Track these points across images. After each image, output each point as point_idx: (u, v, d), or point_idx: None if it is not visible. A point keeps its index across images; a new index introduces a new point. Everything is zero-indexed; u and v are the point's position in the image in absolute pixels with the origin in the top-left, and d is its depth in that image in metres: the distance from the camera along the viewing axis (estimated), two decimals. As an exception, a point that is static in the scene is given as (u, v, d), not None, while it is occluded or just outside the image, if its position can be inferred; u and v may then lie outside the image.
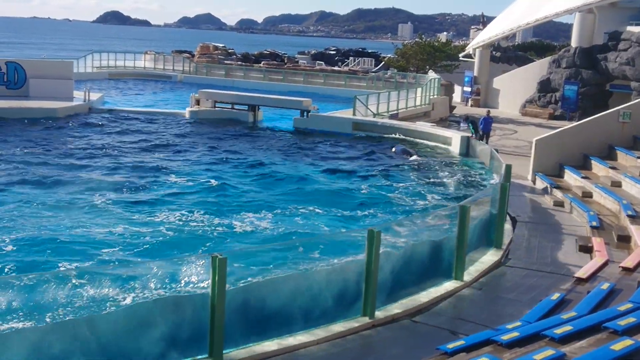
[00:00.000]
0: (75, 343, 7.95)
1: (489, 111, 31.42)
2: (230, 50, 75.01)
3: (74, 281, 10.79)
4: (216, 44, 77.51)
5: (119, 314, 8.74)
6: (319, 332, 9.97)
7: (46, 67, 38.94)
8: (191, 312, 8.90)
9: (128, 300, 10.63)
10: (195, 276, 10.74)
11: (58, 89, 36.75)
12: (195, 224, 16.96)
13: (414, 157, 27.85)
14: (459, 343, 8.98)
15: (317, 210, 19.09)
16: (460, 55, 58.45)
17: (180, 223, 16.94)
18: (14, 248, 14.49)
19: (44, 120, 32.18)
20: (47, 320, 9.77)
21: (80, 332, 8.02)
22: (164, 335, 8.49)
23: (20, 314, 9.75)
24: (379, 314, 10.75)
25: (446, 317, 11.01)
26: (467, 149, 28.48)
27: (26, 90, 36.87)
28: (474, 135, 28.58)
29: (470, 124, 29.74)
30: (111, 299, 10.81)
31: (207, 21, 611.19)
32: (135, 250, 14.61)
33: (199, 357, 8.74)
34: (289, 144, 30.56)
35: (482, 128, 28.85)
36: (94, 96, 38.31)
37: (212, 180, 22.08)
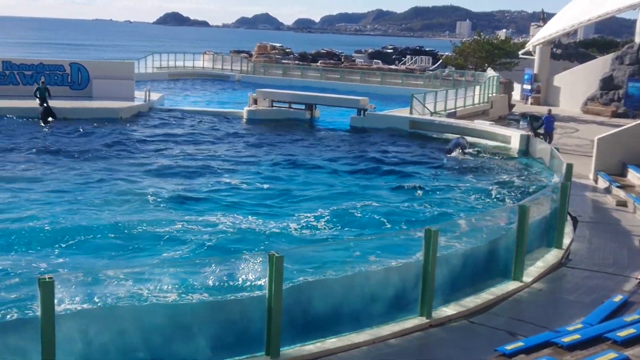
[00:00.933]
0: (135, 334, 8.15)
1: (550, 110, 30.86)
2: (287, 50, 75.49)
3: (131, 279, 10.99)
4: (274, 44, 78.10)
5: (172, 310, 8.93)
6: (375, 332, 9.95)
7: (108, 68, 39.82)
8: (248, 310, 9.01)
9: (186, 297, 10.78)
10: (252, 274, 10.84)
11: (120, 90, 37.55)
12: (250, 223, 17.03)
13: (466, 151, 27.64)
14: (518, 345, 8.87)
15: (374, 204, 19.06)
16: (520, 52, 57.50)
17: (236, 222, 17.03)
18: (72, 242, 14.87)
19: (106, 120, 32.92)
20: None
21: (144, 322, 8.24)
22: (221, 332, 8.61)
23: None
24: (436, 314, 10.68)
25: (505, 318, 10.87)
26: (526, 148, 28.00)
27: (89, 90, 37.77)
28: (532, 133, 28.11)
29: (528, 118, 29.30)
30: (168, 296, 10.97)
31: (265, 21, 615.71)
32: (191, 248, 14.79)
33: (257, 354, 8.84)
34: (346, 143, 30.56)
35: (544, 127, 28.46)
36: (154, 96, 38.97)
37: (268, 180, 22.23)
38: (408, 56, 79.96)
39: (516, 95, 49.84)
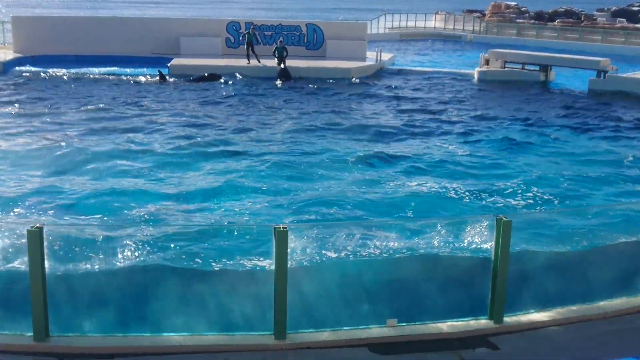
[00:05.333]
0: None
1: None
2: (523, 9, 72.57)
3: (358, 232, 11.28)
4: (508, 2, 75.34)
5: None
6: (605, 305, 9.42)
7: (342, 29, 40.82)
8: (472, 272, 8.97)
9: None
10: (479, 237, 10.69)
11: (353, 50, 38.43)
12: (468, 187, 16.54)
13: None
14: None
15: (610, 173, 18.00)
16: None
17: (451, 186, 16.56)
18: (315, 195, 15.53)
19: (339, 79, 33.86)
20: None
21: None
22: (445, 291, 8.68)
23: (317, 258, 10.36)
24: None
25: None
26: None
27: (324, 51, 39.02)
28: None
29: None
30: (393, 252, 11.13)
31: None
32: (396, 210, 14.79)
33: (480, 318, 8.80)
34: (583, 107, 28.90)
35: None
36: (385, 56, 39.37)
37: (491, 143, 21.61)
38: (658, 14, 73.60)
39: None
